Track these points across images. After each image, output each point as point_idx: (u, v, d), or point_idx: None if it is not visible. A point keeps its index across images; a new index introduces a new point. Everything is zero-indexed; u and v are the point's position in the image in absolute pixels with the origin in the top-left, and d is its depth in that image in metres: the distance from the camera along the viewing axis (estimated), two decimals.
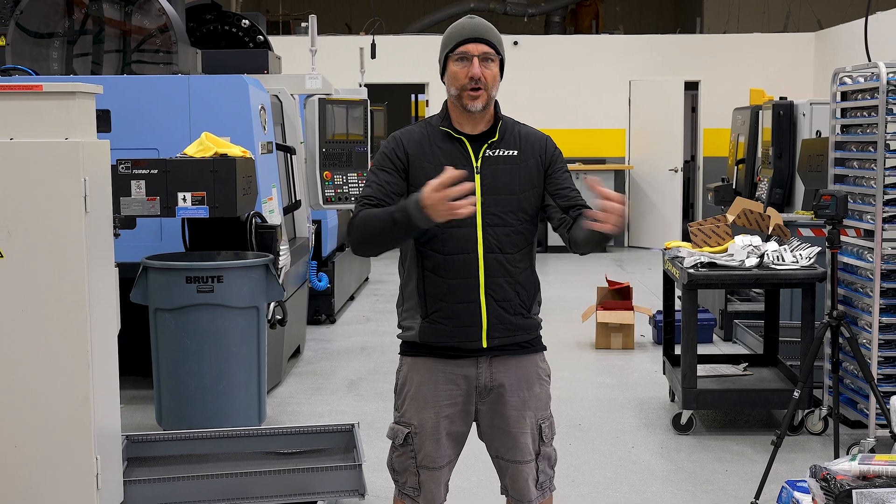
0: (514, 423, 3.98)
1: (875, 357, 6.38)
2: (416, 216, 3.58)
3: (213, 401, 6.40)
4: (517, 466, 4.02)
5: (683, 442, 6.86)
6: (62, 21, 8.68)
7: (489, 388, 3.95)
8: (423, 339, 3.92)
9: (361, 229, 3.80)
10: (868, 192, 6.46)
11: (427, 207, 3.55)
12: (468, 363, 3.93)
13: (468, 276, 3.84)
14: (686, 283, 6.77)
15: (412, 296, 3.94)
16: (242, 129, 7.53)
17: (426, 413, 3.94)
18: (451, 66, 3.86)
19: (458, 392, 3.94)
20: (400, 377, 4.04)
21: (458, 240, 3.83)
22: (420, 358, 3.96)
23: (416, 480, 3.98)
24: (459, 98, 3.86)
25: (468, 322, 3.86)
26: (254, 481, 5.17)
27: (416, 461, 3.96)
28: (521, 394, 3.99)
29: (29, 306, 4.63)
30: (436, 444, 3.95)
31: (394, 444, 4.01)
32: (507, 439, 4.00)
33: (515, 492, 4.07)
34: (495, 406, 3.98)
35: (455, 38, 3.87)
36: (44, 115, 4.72)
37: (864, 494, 4.47)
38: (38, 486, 4.69)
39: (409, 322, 3.97)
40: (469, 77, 3.82)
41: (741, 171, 11.86)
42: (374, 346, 9.77)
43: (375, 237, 3.78)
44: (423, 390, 3.94)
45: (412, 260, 3.92)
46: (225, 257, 6.77)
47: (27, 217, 4.61)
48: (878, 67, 6.33)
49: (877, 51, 8.20)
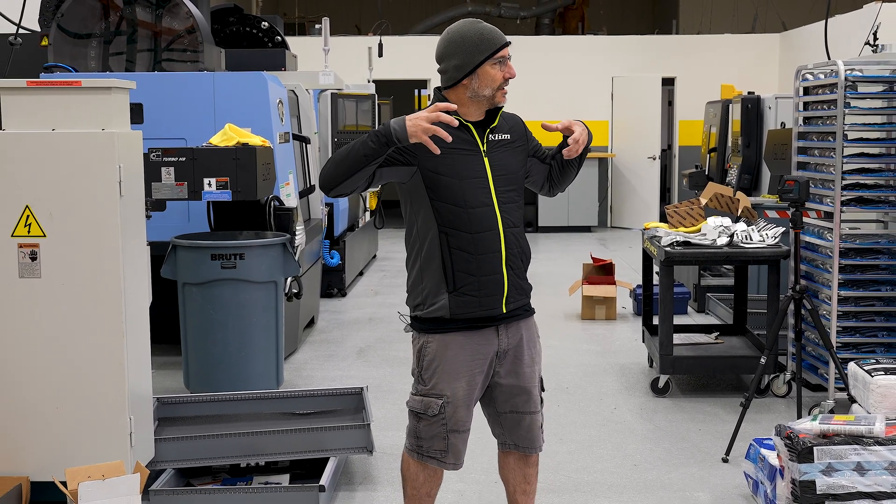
0: (528, 378, 4.03)
1: (834, 327, 6.37)
2: (395, 128, 3.60)
3: (236, 366, 6.39)
4: (532, 416, 4.06)
5: (661, 404, 6.85)
6: (99, 23, 8.64)
7: (506, 351, 3.97)
8: (452, 312, 3.86)
9: (334, 157, 3.77)
10: (828, 177, 6.44)
11: (411, 122, 3.58)
12: (490, 332, 3.93)
13: (494, 250, 3.86)
14: (663, 260, 6.75)
15: (435, 273, 3.87)
16: (262, 120, 7.51)
17: (458, 383, 3.90)
18: (488, 69, 3.84)
19: (483, 361, 3.94)
20: (428, 353, 3.93)
21: (483, 218, 3.84)
22: (449, 334, 3.89)
23: (445, 444, 3.95)
24: (493, 97, 3.87)
25: (493, 291, 3.87)
26: (272, 439, 5.16)
27: (447, 427, 3.93)
28: (530, 351, 4.04)
29: (68, 281, 4.62)
30: (466, 409, 3.96)
31: (423, 414, 3.94)
32: (524, 394, 4.03)
33: (528, 441, 4.09)
34: (513, 366, 4.00)
35: (492, 43, 3.84)
36: (82, 108, 4.71)
37: (824, 451, 4.47)
38: (78, 443, 4.69)
39: (433, 299, 3.88)
40: (505, 78, 3.86)
41: (713, 158, 11.82)
42: (382, 318, 9.75)
43: (341, 161, 3.72)
44: (455, 363, 3.90)
45: (433, 241, 3.85)
46: (246, 237, 6.76)
47: (67, 200, 4.60)
48: (836, 65, 6.31)
49: (836, 50, 8.17)
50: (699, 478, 5.47)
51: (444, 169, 3.80)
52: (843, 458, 4.45)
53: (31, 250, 4.61)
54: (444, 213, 3.83)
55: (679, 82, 18.07)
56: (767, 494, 4.86)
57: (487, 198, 3.84)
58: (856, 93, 6.32)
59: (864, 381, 5.32)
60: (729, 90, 12.70)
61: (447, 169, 3.80)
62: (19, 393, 4.68)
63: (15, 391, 4.68)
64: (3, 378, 4.67)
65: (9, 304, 4.64)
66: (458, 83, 3.86)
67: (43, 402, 4.68)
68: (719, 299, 9.41)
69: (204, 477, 5.30)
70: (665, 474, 5.53)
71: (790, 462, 4.51)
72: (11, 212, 4.60)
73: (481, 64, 3.83)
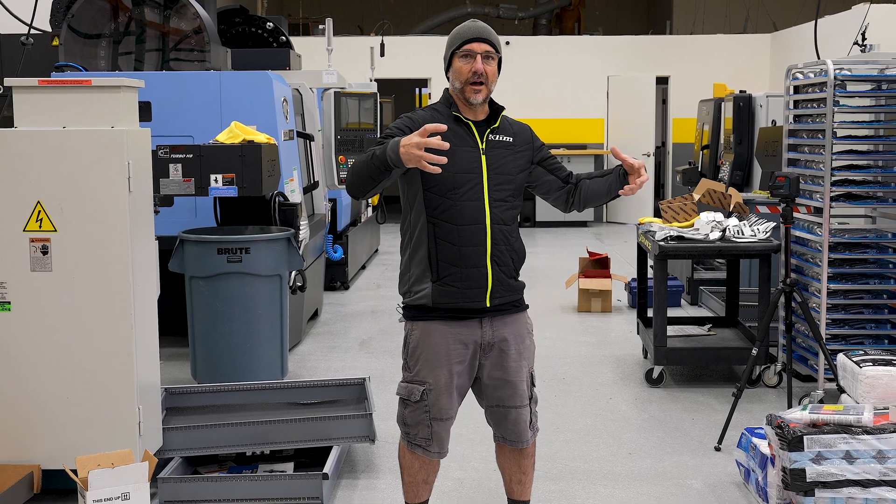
0: (513, 372, 4.01)
1: (823, 319, 6.36)
2: (391, 155, 3.61)
3: (242, 357, 6.39)
4: (517, 411, 4.05)
5: (655, 394, 6.84)
6: (109, 24, 8.63)
7: (491, 344, 3.96)
8: (434, 301, 3.87)
9: (352, 170, 3.81)
10: (817, 174, 6.43)
11: (403, 149, 3.56)
12: (474, 324, 3.92)
13: (478, 244, 3.86)
14: (657, 254, 6.75)
15: (422, 262, 3.89)
16: (267, 118, 7.49)
17: (440, 371, 3.91)
18: (456, 63, 3.87)
19: (465, 351, 3.94)
20: (412, 340, 3.96)
21: (470, 212, 3.85)
22: (432, 322, 3.91)
23: (429, 431, 3.97)
24: (463, 91, 3.88)
25: (476, 284, 3.87)
26: (277, 428, 5.16)
27: (430, 415, 3.94)
28: (517, 346, 4.02)
29: (79, 274, 4.62)
30: (448, 398, 3.96)
31: (408, 400, 3.97)
32: (509, 388, 4.02)
33: (515, 434, 4.09)
34: (498, 360, 3.99)
35: (461, 37, 3.88)
36: (92, 106, 4.71)
37: (814, 439, 4.47)
38: (88, 432, 4.69)
39: (417, 286, 3.91)
40: (472, 72, 3.84)
41: (706, 155, 11.80)
42: (383, 310, 9.74)
43: (359, 174, 3.77)
44: (436, 351, 3.91)
45: (422, 230, 3.88)
46: (252, 231, 6.75)
47: (78, 196, 4.59)
48: (826, 65, 6.30)
49: (825, 50, 8.16)
50: (692, 466, 5.47)
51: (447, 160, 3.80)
52: (832, 446, 4.45)
53: (43, 244, 4.61)
54: (433, 203, 3.86)
55: (673, 81, 18.05)
56: (759, 482, 4.86)
57: (479, 193, 3.86)
58: (844, 91, 6.32)
59: (852, 371, 5.32)
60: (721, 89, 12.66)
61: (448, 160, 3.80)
62: (31, 383, 4.68)
63: (27, 382, 4.68)
64: (16, 369, 4.67)
65: (21, 297, 4.64)
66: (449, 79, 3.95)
67: (54, 392, 4.68)
68: (712, 292, 9.40)
69: (210, 465, 5.30)
70: (659, 462, 5.53)
71: (781, 451, 4.51)
72: (24, 207, 4.60)
73: (451, 57, 3.90)
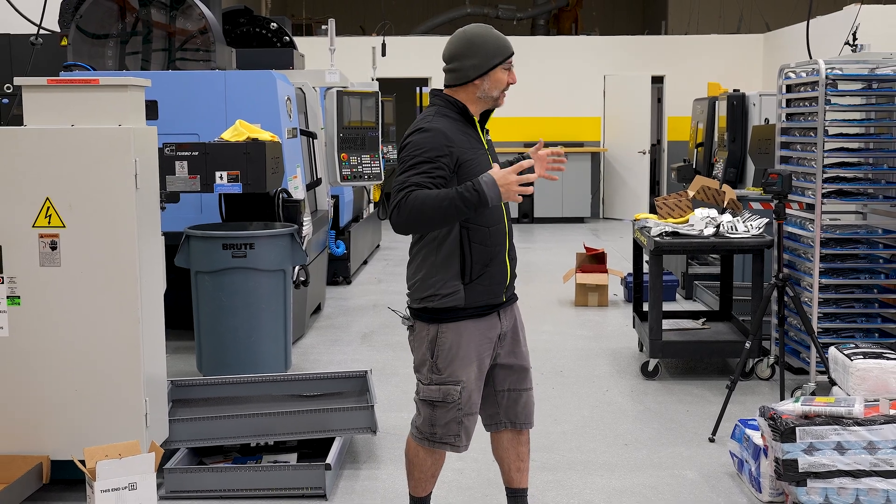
0: (524, 357, 4.12)
1: (815, 313, 6.35)
2: (490, 195, 3.66)
3: (246, 351, 6.39)
4: (528, 393, 4.13)
5: (650, 386, 6.84)
6: (116, 24, 8.62)
7: (506, 333, 4.04)
8: (468, 302, 3.87)
9: (417, 210, 3.66)
10: (809, 171, 6.43)
11: (503, 188, 3.65)
12: (493, 318, 3.98)
13: (501, 242, 3.94)
14: (653, 249, 6.74)
15: (451, 265, 3.85)
16: (271, 117, 7.48)
17: (471, 368, 3.92)
18: (499, 74, 3.93)
19: (490, 344, 3.98)
20: (445, 342, 3.89)
21: (496, 212, 3.91)
22: (462, 322, 3.89)
23: (459, 427, 3.95)
24: (497, 98, 3.97)
25: (500, 280, 3.95)
26: (280, 420, 5.16)
27: (463, 411, 3.93)
28: (522, 333, 4.13)
29: (87, 269, 4.62)
30: (478, 392, 3.99)
31: (442, 402, 3.92)
32: (522, 372, 4.11)
33: (524, 416, 4.14)
34: (511, 346, 4.07)
35: (506, 49, 3.93)
36: (100, 105, 4.71)
37: (806, 431, 4.47)
38: (96, 424, 4.69)
39: (446, 289, 3.85)
40: (509, 83, 3.97)
41: (700, 153, 11.80)
42: (385, 304, 9.73)
43: (431, 218, 3.68)
44: (468, 349, 3.90)
45: (455, 235, 3.83)
46: (256, 227, 6.74)
47: (85, 192, 4.59)
48: (818, 64, 6.29)
49: (817, 50, 8.16)
50: (687, 457, 5.47)
51: (473, 168, 3.83)
52: (823, 437, 4.45)
53: (52, 240, 4.61)
54: None
55: (668, 80, 18.03)
56: (752, 472, 4.86)
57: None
58: (836, 90, 6.32)
59: (843, 364, 5.31)
60: (715, 88, 12.70)
61: (475, 167, 3.83)
62: (40, 376, 4.67)
63: (36, 374, 4.67)
64: (25, 362, 4.67)
65: (30, 292, 4.64)
66: (469, 82, 3.91)
67: (62, 384, 4.67)
68: (706, 287, 9.40)
69: (216, 456, 5.30)
70: (654, 453, 5.53)
71: (773, 442, 4.51)
72: (33, 203, 4.60)
73: (495, 67, 3.91)
